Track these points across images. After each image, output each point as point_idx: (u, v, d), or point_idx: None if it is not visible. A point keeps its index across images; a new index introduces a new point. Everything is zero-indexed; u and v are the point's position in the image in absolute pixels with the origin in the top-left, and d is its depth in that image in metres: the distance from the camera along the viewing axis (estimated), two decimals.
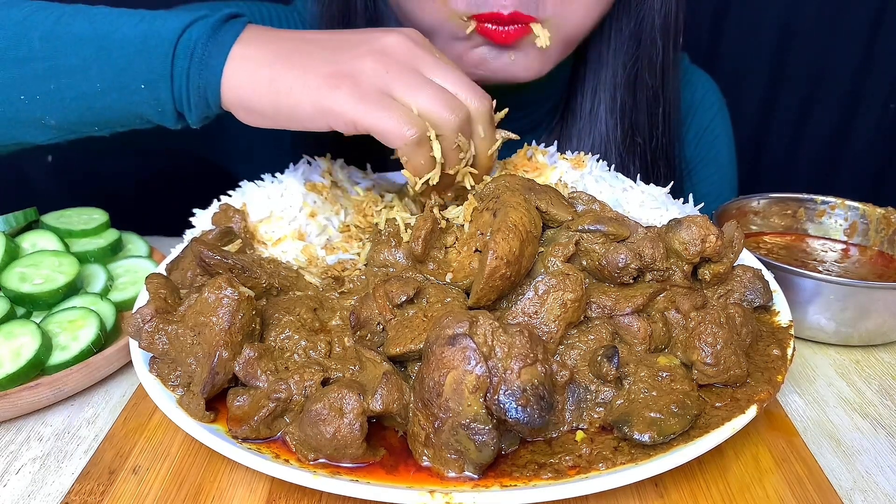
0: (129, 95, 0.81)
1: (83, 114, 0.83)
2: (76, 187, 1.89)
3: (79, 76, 0.80)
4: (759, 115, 2.06)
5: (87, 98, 0.81)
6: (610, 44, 1.15)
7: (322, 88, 0.77)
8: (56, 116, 0.83)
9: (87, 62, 0.79)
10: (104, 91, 0.81)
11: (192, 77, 0.80)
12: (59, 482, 0.70)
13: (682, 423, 0.65)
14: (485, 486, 0.61)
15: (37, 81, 0.80)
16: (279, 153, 1.30)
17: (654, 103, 1.18)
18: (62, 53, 0.79)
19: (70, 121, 0.84)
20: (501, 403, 0.60)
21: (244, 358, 0.69)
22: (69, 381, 0.80)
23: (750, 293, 0.82)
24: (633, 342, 0.72)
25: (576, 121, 1.20)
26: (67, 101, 0.81)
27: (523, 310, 0.71)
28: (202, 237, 0.87)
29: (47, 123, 0.84)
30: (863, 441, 0.78)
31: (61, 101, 0.81)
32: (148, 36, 0.80)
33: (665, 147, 1.22)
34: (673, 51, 1.16)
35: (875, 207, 1.09)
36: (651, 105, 1.18)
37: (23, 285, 0.88)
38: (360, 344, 0.73)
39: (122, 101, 0.81)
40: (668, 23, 1.13)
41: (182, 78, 0.80)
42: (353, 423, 0.63)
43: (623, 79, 1.16)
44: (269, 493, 0.68)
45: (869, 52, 1.95)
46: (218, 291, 0.70)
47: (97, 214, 1.07)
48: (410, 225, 0.86)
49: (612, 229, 0.78)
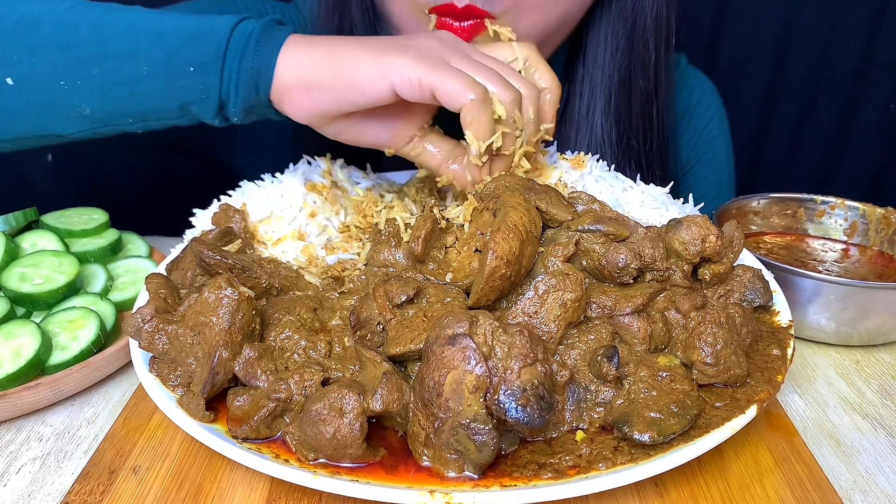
0: (176, 80, 0.81)
1: (122, 101, 0.83)
2: (76, 187, 1.89)
3: (126, 60, 0.81)
4: (759, 115, 2.06)
5: (130, 83, 0.81)
6: (604, 46, 1.15)
7: (386, 52, 0.79)
8: (93, 104, 0.83)
9: (137, 46, 0.80)
10: (150, 75, 0.81)
11: (245, 58, 0.81)
12: (59, 482, 0.70)
13: (682, 423, 0.65)
14: (485, 486, 0.61)
15: (81, 66, 0.81)
16: (280, 148, 1.31)
17: (647, 105, 1.18)
18: (111, 38, 0.81)
19: (107, 109, 0.83)
20: (501, 403, 0.60)
21: (244, 358, 0.69)
22: (69, 381, 0.80)
23: (750, 293, 0.82)
24: (633, 342, 0.72)
25: (572, 123, 1.20)
26: (108, 86, 0.81)
27: (523, 310, 0.71)
28: (202, 237, 0.87)
29: (83, 112, 0.83)
30: (863, 441, 0.78)
31: (102, 87, 0.81)
32: (202, 24, 0.82)
33: (659, 149, 1.22)
34: (665, 52, 1.16)
35: (875, 207, 1.09)
36: (645, 107, 1.18)
37: (23, 285, 0.88)
38: (360, 344, 0.73)
39: (166, 86, 0.82)
40: (659, 25, 1.13)
41: (234, 60, 0.81)
42: (353, 423, 0.63)
43: (617, 81, 1.16)
44: (269, 493, 0.68)
45: (869, 52, 1.95)
46: (218, 291, 0.70)
47: (97, 214, 1.07)
48: (410, 225, 0.86)
49: (612, 229, 0.78)
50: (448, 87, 0.78)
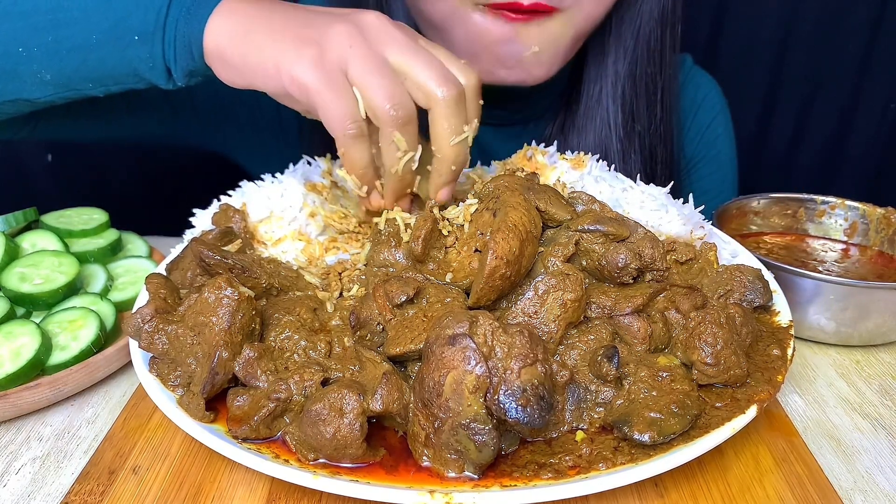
0: (124, 49, 0.82)
1: (78, 67, 0.84)
2: (76, 187, 1.89)
3: (77, 27, 0.81)
4: (760, 115, 2.06)
5: (82, 50, 0.82)
6: (612, 32, 1.19)
7: (288, 50, 0.77)
8: (52, 70, 0.84)
9: (87, 14, 0.81)
10: (100, 43, 0.82)
11: (179, 27, 0.81)
12: (59, 482, 0.70)
13: (682, 423, 0.65)
14: (485, 487, 0.61)
15: (36, 33, 0.82)
16: (285, 145, 1.31)
17: (652, 90, 1.22)
18: (64, 7, 0.81)
19: (65, 74, 0.85)
20: (501, 403, 0.60)
21: (244, 358, 0.69)
22: (69, 381, 0.80)
23: (750, 293, 0.82)
24: (633, 342, 0.72)
25: (580, 107, 1.24)
26: (63, 53, 0.83)
27: (523, 310, 0.71)
28: (202, 237, 0.87)
29: (43, 78, 0.85)
30: (863, 441, 0.78)
31: (57, 54, 0.83)
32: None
33: (663, 134, 1.25)
34: (671, 39, 1.20)
35: (875, 207, 1.09)
36: (650, 92, 1.22)
37: (23, 285, 0.88)
38: (360, 344, 0.73)
39: (116, 54, 0.82)
40: (665, 12, 1.17)
41: (172, 30, 0.81)
42: (353, 423, 0.63)
43: (625, 67, 1.19)
44: (269, 493, 0.68)
45: (869, 53, 1.95)
46: (218, 291, 0.70)
47: (97, 214, 1.07)
48: (410, 225, 0.86)
49: (612, 229, 0.78)
50: (328, 111, 0.76)
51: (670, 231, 0.92)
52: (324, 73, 0.76)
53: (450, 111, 0.79)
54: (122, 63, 0.83)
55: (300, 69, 0.76)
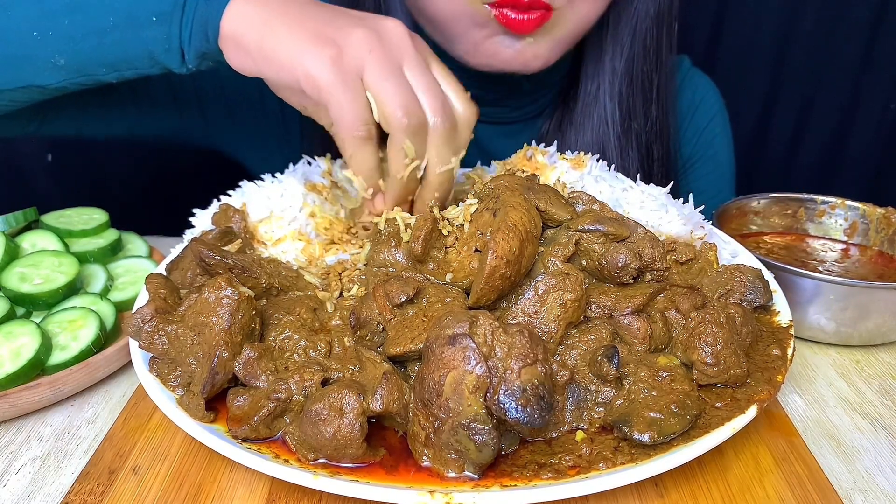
0: (140, 30, 0.82)
1: (93, 51, 0.84)
2: (76, 187, 1.89)
3: (93, 11, 0.82)
4: (759, 116, 2.06)
5: (98, 34, 0.83)
6: (609, 30, 1.20)
7: (307, 45, 0.77)
8: (66, 54, 0.84)
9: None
10: (116, 25, 0.82)
11: (199, 8, 0.81)
12: (59, 482, 0.70)
13: (682, 423, 0.65)
14: (485, 486, 0.61)
15: (51, 18, 0.82)
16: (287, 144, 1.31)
17: (648, 88, 1.23)
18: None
19: (80, 59, 0.85)
20: (501, 403, 0.60)
21: (244, 358, 0.69)
22: (69, 381, 0.80)
23: (750, 293, 0.82)
24: (633, 342, 0.72)
25: (577, 104, 1.24)
26: (78, 36, 0.83)
27: (523, 310, 0.71)
28: (202, 237, 0.87)
29: (57, 63, 0.85)
30: (863, 441, 0.78)
31: (72, 38, 0.83)
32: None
33: (659, 132, 1.26)
34: (667, 38, 1.21)
35: (875, 207, 1.09)
36: (646, 90, 1.23)
37: (23, 285, 0.88)
38: (360, 344, 0.73)
39: (132, 35, 0.83)
40: (661, 11, 1.19)
41: (191, 10, 0.81)
42: (353, 423, 0.63)
43: (622, 64, 1.20)
44: (269, 493, 0.68)
45: (869, 52, 1.95)
46: (218, 291, 0.70)
47: (97, 214, 1.07)
48: (410, 225, 0.86)
49: (612, 229, 0.78)
50: (339, 114, 0.77)
51: (670, 231, 0.92)
52: (340, 74, 0.76)
53: (440, 140, 0.81)
54: (138, 45, 0.83)
55: (317, 66, 0.76)
